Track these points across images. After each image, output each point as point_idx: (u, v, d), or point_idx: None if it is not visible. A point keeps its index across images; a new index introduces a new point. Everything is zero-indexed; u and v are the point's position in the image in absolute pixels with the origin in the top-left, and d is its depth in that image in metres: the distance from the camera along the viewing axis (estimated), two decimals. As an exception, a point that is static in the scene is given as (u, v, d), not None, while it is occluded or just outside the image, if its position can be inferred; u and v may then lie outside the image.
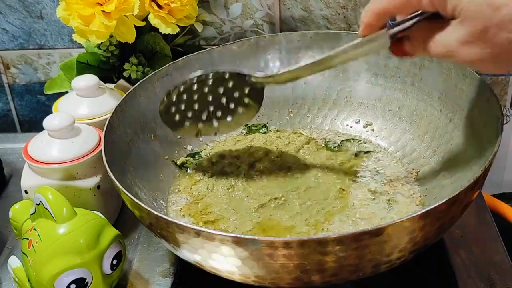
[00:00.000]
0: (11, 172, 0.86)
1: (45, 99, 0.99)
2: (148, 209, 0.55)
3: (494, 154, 0.57)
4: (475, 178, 0.54)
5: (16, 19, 0.93)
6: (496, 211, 0.81)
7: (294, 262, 0.51)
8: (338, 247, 0.50)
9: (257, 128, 0.81)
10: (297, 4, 0.90)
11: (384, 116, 0.78)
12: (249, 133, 0.80)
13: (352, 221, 0.65)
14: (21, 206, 0.66)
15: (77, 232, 0.59)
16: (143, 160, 0.71)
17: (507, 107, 0.96)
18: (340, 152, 0.76)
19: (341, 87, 0.81)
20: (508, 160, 0.99)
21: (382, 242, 0.51)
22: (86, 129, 0.71)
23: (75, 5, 0.74)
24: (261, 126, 0.81)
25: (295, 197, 0.69)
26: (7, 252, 0.72)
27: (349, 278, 0.55)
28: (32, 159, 0.68)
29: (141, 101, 0.73)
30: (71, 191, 0.68)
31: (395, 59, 0.77)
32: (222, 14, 0.91)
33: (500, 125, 0.60)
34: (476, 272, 0.65)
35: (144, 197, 0.66)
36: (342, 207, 0.67)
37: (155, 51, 0.84)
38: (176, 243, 0.55)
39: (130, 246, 0.71)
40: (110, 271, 0.61)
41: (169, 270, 0.68)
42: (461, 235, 0.69)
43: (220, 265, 0.54)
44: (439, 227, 0.55)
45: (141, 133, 0.73)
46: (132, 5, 0.75)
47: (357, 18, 0.90)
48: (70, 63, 0.84)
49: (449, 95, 0.71)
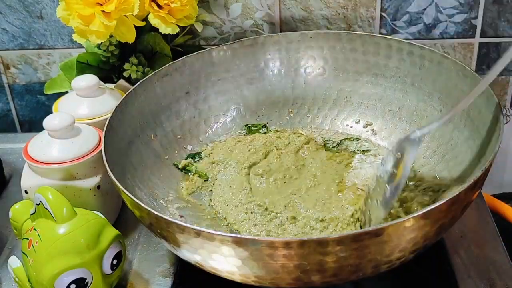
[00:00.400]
0: (11, 172, 0.86)
1: (45, 99, 0.99)
2: (148, 209, 0.55)
3: (494, 154, 0.57)
4: (475, 178, 0.54)
5: (16, 19, 0.93)
6: (496, 211, 0.81)
7: (294, 262, 0.51)
8: (338, 247, 0.50)
9: (257, 128, 0.80)
10: (297, 4, 0.90)
11: (384, 116, 0.78)
12: (249, 133, 0.80)
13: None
14: (21, 206, 0.66)
15: (77, 232, 0.59)
16: (143, 160, 0.71)
17: (507, 107, 0.96)
18: (339, 152, 0.76)
19: (341, 87, 0.81)
20: (508, 160, 0.99)
21: (382, 242, 0.51)
22: (86, 129, 0.71)
23: (75, 5, 0.74)
24: (261, 126, 0.81)
25: (298, 200, 0.69)
26: (7, 252, 0.72)
27: (349, 278, 0.55)
28: (32, 159, 0.68)
29: (141, 101, 0.73)
30: (71, 191, 0.68)
31: (395, 59, 0.77)
32: (222, 14, 0.91)
33: (500, 125, 0.60)
34: (476, 272, 0.65)
35: (144, 197, 0.66)
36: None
37: (155, 51, 0.84)
38: (176, 243, 0.55)
39: (130, 246, 0.71)
40: (110, 271, 0.61)
41: (169, 270, 0.68)
42: (461, 235, 0.69)
43: (220, 265, 0.54)
44: (439, 227, 0.55)
45: (141, 133, 0.73)
46: (132, 5, 0.75)
47: (357, 18, 0.90)
48: (70, 63, 0.84)
49: (449, 96, 0.71)
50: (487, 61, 0.92)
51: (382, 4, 0.89)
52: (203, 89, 0.80)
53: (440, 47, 0.91)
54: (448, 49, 0.91)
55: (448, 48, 0.91)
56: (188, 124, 0.78)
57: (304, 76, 0.82)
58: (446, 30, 0.90)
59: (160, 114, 0.75)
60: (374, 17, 0.90)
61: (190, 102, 0.79)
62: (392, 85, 0.78)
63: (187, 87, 0.78)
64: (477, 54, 0.92)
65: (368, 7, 0.89)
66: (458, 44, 0.91)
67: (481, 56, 0.92)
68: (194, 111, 0.79)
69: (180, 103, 0.78)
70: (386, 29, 0.91)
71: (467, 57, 0.92)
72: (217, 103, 0.80)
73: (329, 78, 0.81)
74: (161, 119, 0.75)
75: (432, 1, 0.88)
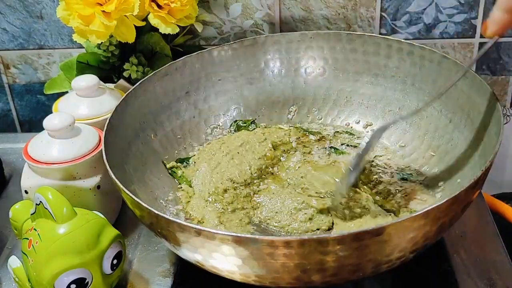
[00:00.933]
0: (11, 172, 0.86)
1: (45, 99, 0.99)
2: (149, 208, 0.55)
3: (494, 154, 0.57)
4: (475, 178, 0.54)
5: (16, 19, 0.93)
6: (496, 211, 0.81)
7: (294, 261, 0.51)
8: (338, 247, 0.50)
9: (246, 125, 0.80)
10: (297, 4, 0.90)
11: (384, 117, 0.78)
12: (238, 130, 0.80)
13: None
14: (21, 206, 0.66)
15: (77, 232, 0.59)
16: (143, 160, 0.71)
17: (507, 107, 0.96)
18: (339, 152, 0.76)
19: (341, 87, 0.81)
20: (508, 160, 0.99)
21: (382, 242, 0.51)
22: (86, 129, 0.71)
23: (75, 5, 0.74)
24: (249, 123, 0.80)
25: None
26: (7, 252, 0.72)
27: (349, 278, 0.55)
28: (32, 159, 0.68)
29: (141, 101, 0.73)
30: (71, 191, 0.68)
31: (395, 60, 0.77)
32: (222, 14, 0.91)
33: (500, 125, 0.60)
34: (476, 272, 0.65)
35: (144, 197, 0.66)
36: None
37: (155, 51, 0.84)
38: (177, 242, 0.55)
39: (130, 246, 0.71)
40: (110, 271, 0.61)
41: (169, 270, 0.68)
42: (461, 235, 0.69)
43: (220, 265, 0.54)
44: (439, 227, 0.55)
45: (141, 132, 0.73)
46: (132, 5, 0.75)
47: (357, 18, 0.90)
48: (70, 63, 0.84)
49: (449, 96, 0.71)
50: (487, 61, 0.92)
51: (382, 4, 0.89)
52: (203, 89, 0.80)
53: (440, 47, 0.91)
54: (448, 49, 0.91)
55: (448, 48, 0.91)
56: (188, 124, 0.78)
57: (304, 76, 0.82)
58: (446, 30, 0.90)
59: (160, 114, 0.75)
60: (374, 17, 0.90)
61: (190, 102, 0.79)
62: (392, 85, 0.78)
63: (187, 87, 0.78)
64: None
65: (368, 7, 0.89)
66: (458, 44, 0.91)
67: (481, 56, 0.92)
68: (194, 111, 0.79)
69: (180, 103, 0.78)
70: (386, 29, 0.91)
71: (467, 57, 0.92)
72: (217, 103, 0.80)
73: (329, 78, 0.81)
74: (161, 119, 0.75)
75: (432, 1, 0.88)
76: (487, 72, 0.93)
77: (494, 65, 0.92)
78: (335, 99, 0.81)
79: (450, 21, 0.89)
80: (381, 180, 0.70)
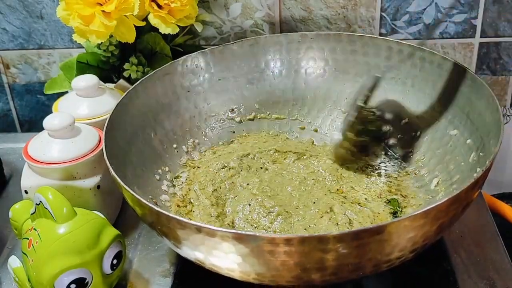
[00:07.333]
0: (11, 172, 0.86)
1: (45, 99, 0.99)
2: (150, 205, 0.55)
3: (494, 154, 0.57)
4: (475, 178, 0.54)
5: (16, 19, 0.93)
6: (496, 211, 0.81)
7: (294, 259, 0.51)
8: (338, 245, 0.50)
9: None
10: (297, 4, 0.90)
11: (384, 117, 0.78)
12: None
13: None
14: (21, 206, 0.66)
15: (77, 232, 0.59)
16: (143, 159, 0.71)
17: (507, 107, 0.96)
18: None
19: (341, 88, 0.81)
20: (508, 160, 0.99)
21: (382, 241, 0.51)
22: (86, 129, 0.71)
23: (75, 5, 0.74)
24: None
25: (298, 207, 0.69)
26: (7, 252, 0.72)
27: (349, 277, 0.55)
28: (32, 159, 0.68)
29: (141, 100, 0.73)
30: (71, 191, 0.68)
31: (396, 60, 0.77)
32: (222, 14, 0.91)
33: (500, 125, 0.60)
34: (476, 272, 0.65)
35: (145, 195, 0.66)
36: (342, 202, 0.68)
37: (155, 51, 0.84)
38: (177, 240, 0.55)
39: (130, 246, 0.71)
40: (110, 271, 0.61)
41: (169, 270, 0.68)
42: (461, 235, 0.69)
43: (220, 262, 0.54)
44: (439, 227, 0.55)
45: (142, 131, 0.73)
46: (132, 5, 0.75)
47: (357, 18, 0.90)
48: (70, 63, 0.84)
49: (450, 97, 0.71)
50: (487, 61, 0.92)
51: (382, 4, 0.89)
52: (203, 89, 0.80)
53: (440, 47, 0.91)
54: (448, 49, 0.91)
55: (448, 48, 0.91)
56: (188, 123, 0.78)
57: (304, 77, 0.82)
58: (446, 30, 0.90)
59: (160, 113, 0.75)
60: (374, 17, 0.90)
61: (190, 102, 0.79)
62: (393, 86, 0.78)
63: (187, 86, 0.78)
64: (477, 54, 0.92)
65: (368, 7, 0.89)
66: (458, 44, 0.91)
67: (481, 56, 0.92)
68: (194, 111, 0.79)
69: (180, 103, 0.78)
70: (386, 29, 0.91)
71: (467, 57, 0.92)
72: (217, 103, 0.80)
73: (330, 79, 0.81)
74: (161, 118, 0.75)
75: (432, 1, 0.88)
76: (487, 72, 0.93)
77: (494, 65, 0.92)
78: (335, 100, 0.81)
79: (450, 21, 0.90)
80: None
